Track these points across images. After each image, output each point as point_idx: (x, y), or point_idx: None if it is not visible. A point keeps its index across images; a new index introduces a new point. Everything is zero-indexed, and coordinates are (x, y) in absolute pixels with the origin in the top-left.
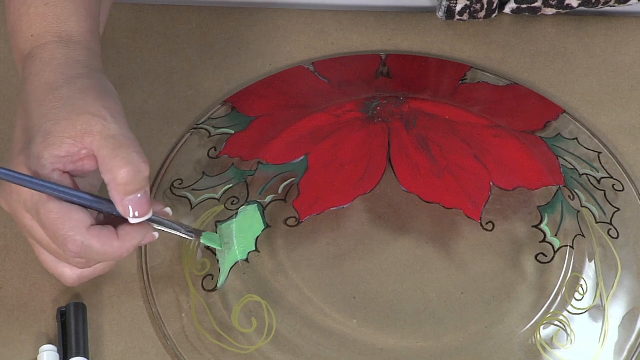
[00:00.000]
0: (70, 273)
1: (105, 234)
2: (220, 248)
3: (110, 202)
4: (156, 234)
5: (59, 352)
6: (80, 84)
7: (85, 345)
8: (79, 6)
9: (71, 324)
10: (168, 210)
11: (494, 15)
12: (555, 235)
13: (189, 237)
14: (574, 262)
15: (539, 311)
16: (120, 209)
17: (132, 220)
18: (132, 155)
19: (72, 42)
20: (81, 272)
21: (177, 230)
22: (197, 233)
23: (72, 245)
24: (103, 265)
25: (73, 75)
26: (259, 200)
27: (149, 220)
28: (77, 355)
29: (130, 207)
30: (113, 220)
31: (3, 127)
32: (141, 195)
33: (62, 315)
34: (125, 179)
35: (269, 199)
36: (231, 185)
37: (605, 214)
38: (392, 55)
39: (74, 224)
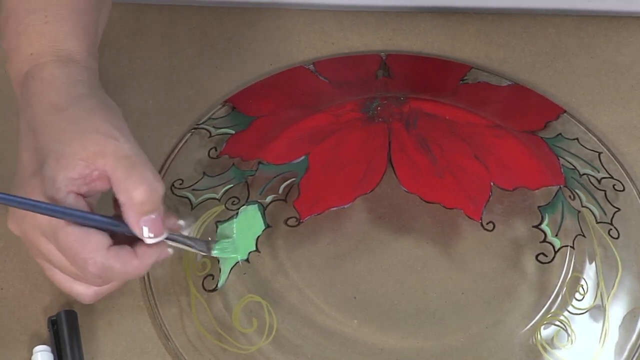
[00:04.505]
0: (85, 292)
1: (124, 254)
2: (234, 255)
3: (124, 223)
4: (170, 250)
5: (52, 352)
6: (87, 104)
7: (80, 353)
8: (76, 25)
9: (64, 332)
10: (181, 222)
11: None
12: (556, 235)
13: (201, 253)
14: (574, 262)
15: (540, 311)
16: (136, 231)
17: (147, 241)
18: (148, 174)
19: (72, 60)
20: (97, 289)
21: (190, 247)
22: (209, 246)
23: (92, 268)
24: (118, 282)
25: (77, 96)
26: (259, 200)
27: (165, 239)
28: None
29: (145, 228)
30: (124, 237)
31: (3, 128)
32: (155, 215)
33: (54, 324)
34: (141, 198)
35: (269, 199)
36: (231, 185)
37: (605, 214)
38: (392, 55)
39: (93, 246)
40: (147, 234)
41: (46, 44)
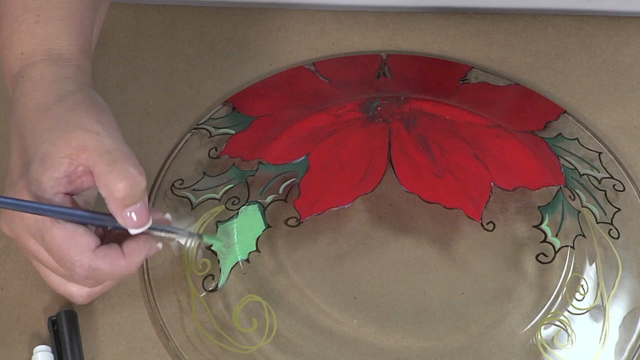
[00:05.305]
0: (78, 292)
1: (111, 254)
2: (221, 249)
3: (111, 216)
4: (159, 245)
5: (52, 352)
6: (71, 101)
7: (80, 353)
8: (70, 24)
9: (64, 332)
10: (168, 216)
11: None
12: (556, 236)
13: (189, 238)
14: (574, 262)
15: (540, 311)
16: (120, 221)
17: (132, 231)
18: (128, 169)
19: (62, 59)
20: (90, 290)
21: (177, 234)
22: (199, 234)
23: (79, 269)
24: (112, 281)
25: (63, 93)
26: (259, 201)
27: (150, 228)
28: None
29: (130, 218)
30: (112, 234)
31: (3, 128)
32: (139, 205)
33: (54, 324)
34: (122, 193)
35: (269, 199)
36: (232, 185)
37: (605, 214)
38: (392, 55)
39: (79, 248)
40: (131, 224)
41: (38, 43)
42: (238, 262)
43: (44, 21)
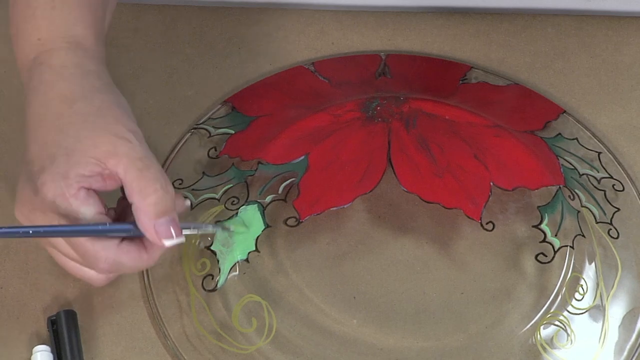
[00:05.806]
0: (97, 276)
1: (134, 249)
2: (245, 229)
3: (134, 224)
4: (183, 238)
5: (52, 352)
6: (99, 100)
7: (80, 353)
8: (84, 11)
9: (63, 332)
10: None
11: None
12: (555, 235)
13: (214, 231)
14: (574, 262)
15: (539, 311)
16: (150, 237)
17: (166, 243)
18: (159, 176)
19: (81, 48)
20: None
21: (199, 229)
22: (222, 226)
23: (103, 264)
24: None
25: (89, 89)
26: (259, 200)
27: None
28: None
29: (160, 233)
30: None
31: (3, 128)
32: (171, 219)
33: (53, 324)
34: (155, 198)
35: (269, 198)
36: (231, 185)
37: (605, 214)
38: (392, 55)
39: (104, 243)
40: (162, 237)
41: (55, 29)
42: (237, 262)
43: (59, 7)
